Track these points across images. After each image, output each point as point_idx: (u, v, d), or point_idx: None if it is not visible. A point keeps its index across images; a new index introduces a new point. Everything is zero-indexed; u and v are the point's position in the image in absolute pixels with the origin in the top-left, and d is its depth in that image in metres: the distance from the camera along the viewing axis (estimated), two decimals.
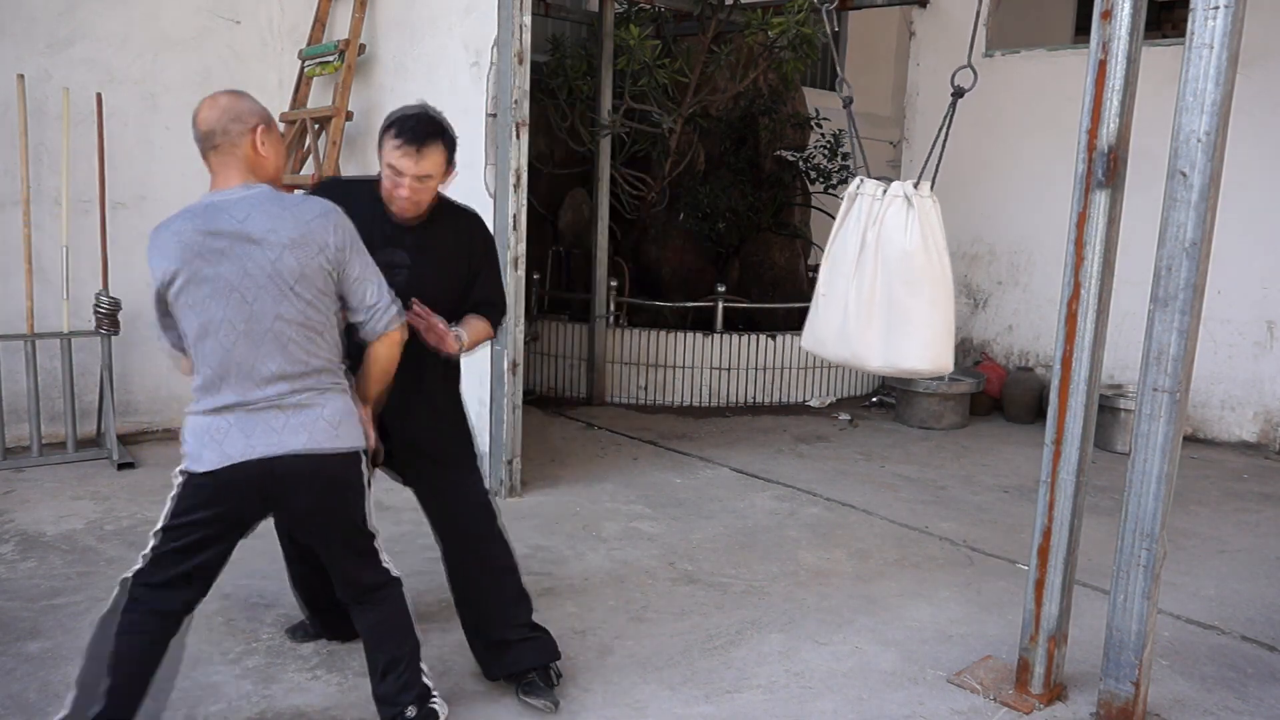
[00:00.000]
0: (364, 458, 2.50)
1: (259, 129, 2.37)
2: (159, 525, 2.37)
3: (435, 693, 2.61)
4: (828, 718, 2.86)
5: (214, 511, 2.35)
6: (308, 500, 2.40)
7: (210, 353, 2.31)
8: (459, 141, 2.79)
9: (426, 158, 2.63)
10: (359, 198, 2.71)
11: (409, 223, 2.77)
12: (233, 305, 2.28)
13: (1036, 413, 6.86)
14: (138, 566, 2.37)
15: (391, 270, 2.66)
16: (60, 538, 3.97)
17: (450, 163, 2.74)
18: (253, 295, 2.28)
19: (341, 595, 2.58)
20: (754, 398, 7.05)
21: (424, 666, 2.60)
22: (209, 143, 2.34)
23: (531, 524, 4.34)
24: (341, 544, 2.50)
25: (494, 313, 2.96)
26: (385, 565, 2.57)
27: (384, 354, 2.54)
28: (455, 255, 2.87)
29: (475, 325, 2.88)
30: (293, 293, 2.31)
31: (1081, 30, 9.71)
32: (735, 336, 6.97)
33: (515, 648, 2.89)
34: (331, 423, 2.38)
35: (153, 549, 2.36)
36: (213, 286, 2.27)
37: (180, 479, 2.36)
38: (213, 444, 2.31)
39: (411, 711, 2.50)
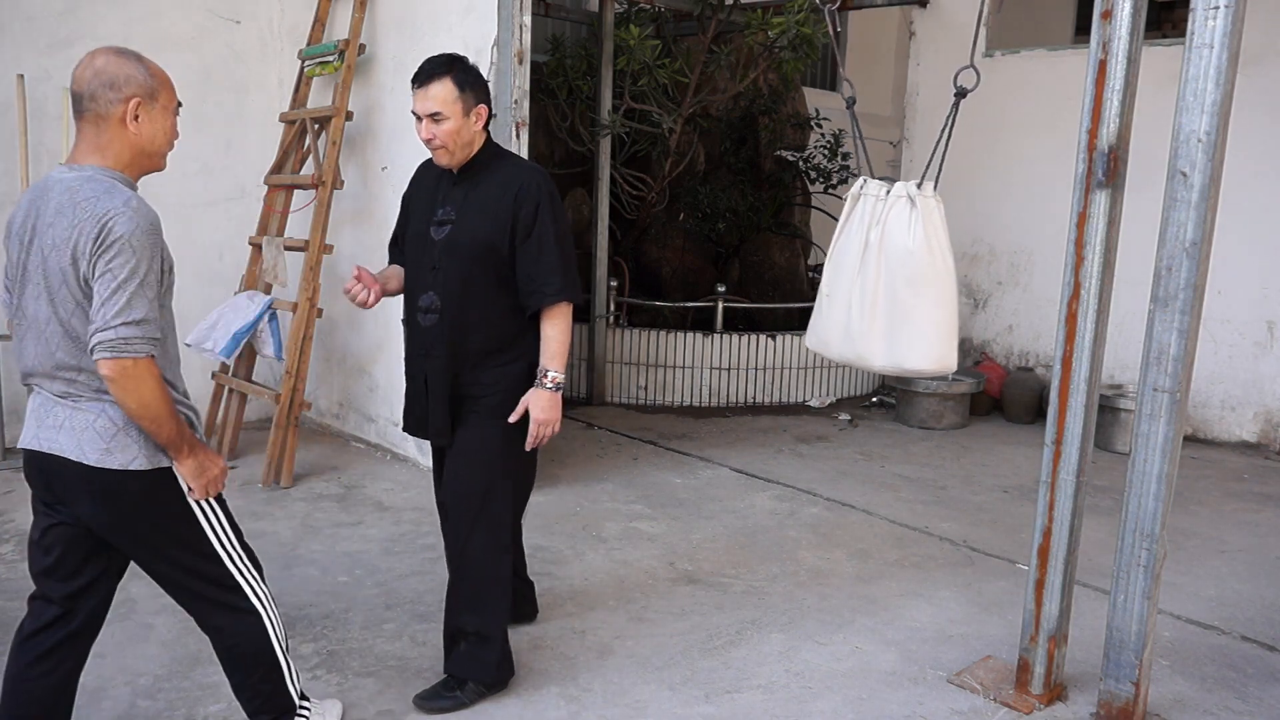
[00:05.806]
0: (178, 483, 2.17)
1: (133, 101, 2.05)
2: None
3: (305, 703, 2.48)
4: (828, 718, 2.86)
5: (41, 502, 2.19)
6: (90, 509, 2.12)
7: (21, 331, 2.12)
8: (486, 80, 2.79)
9: (431, 95, 2.67)
10: (430, 164, 2.87)
11: (459, 176, 2.79)
12: (31, 292, 2.07)
13: (1036, 413, 6.86)
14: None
15: (440, 226, 2.75)
16: None
17: (465, 97, 2.69)
18: (36, 287, 2.06)
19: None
20: (754, 398, 7.05)
21: (289, 679, 2.43)
22: (77, 107, 2.05)
23: (531, 524, 4.34)
24: (168, 565, 2.21)
25: (539, 298, 2.71)
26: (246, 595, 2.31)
27: (119, 387, 2.00)
28: (494, 210, 2.72)
29: (547, 346, 2.73)
30: (65, 291, 2.03)
31: (1081, 30, 9.70)
32: (735, 336, 6.96)
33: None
34: (103, 435, 2.08)
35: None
36: (26, 268, 2.08)
37: None
38: (29, 420, 2.15)
39: None
